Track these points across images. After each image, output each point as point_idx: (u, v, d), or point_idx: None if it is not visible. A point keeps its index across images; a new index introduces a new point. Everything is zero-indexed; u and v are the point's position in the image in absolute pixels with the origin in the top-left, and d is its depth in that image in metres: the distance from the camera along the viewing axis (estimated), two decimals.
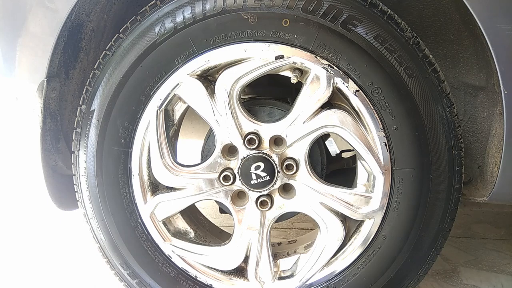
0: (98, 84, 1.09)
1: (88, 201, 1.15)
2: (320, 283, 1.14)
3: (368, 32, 0.96)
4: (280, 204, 1.11)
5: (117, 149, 1.10)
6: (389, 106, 0.99)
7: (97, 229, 1.16)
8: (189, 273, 1.17)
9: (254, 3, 0.97)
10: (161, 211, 1.14)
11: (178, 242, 1.16)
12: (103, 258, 1.20)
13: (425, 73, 0.98)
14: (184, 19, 1.00)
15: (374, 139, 1.02)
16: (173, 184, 1.12)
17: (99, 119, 1.09)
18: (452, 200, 1.06)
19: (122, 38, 1.07)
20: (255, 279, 1.15)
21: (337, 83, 0.99)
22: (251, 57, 1.01)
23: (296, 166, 1.06)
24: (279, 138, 1.07)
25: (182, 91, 1.06)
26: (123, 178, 1.11)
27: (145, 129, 1.09)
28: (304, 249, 1.23)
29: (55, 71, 1.13)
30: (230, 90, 1.04)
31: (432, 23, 1.17)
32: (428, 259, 1.11)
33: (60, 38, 1.08)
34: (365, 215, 1.07)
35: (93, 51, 1.24)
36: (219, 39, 1.00)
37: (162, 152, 1.10)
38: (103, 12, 1.19)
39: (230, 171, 1.08)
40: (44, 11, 1.06)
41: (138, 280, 1.18)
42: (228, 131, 1.06)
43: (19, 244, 1.85)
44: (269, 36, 0.99)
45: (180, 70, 1.04)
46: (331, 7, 0.96)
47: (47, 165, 1.21)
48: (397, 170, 1.03)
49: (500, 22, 0.92)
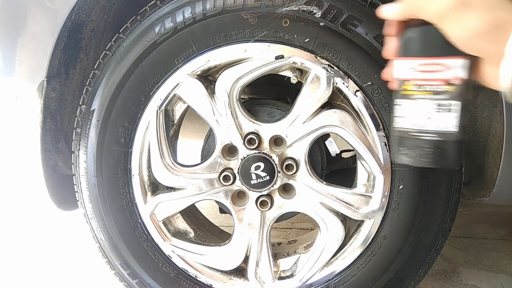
0: (98, 84, 1.09)
1: (88, 201, 1.15)
2: (320, 283, 1.14)
3: (368, 32, 0.96)
4: (280, 204, 1.11)
5: (117, 149, 1.10)
6: (389, 106, 0.99)
7: (97, 229, 1.16)
8: (189, 273, 1.17)
9: (254, 3, 0.97)
10: (161, 211, 1.14)
11: (178, 242, 1.16)
12: (103, 258, 1.20)
13: None
14: (184, 19, 1.00)
15: (374, 139, 1.02)
16: (173, 184, 1.12)
17: (99, 119, 1.09)
18: (452, 200, 1.06)
19: (122, 38, 1.07)
20: (255, 279, 1.15)
21: (337, 83, 0.99)
22: (251, 57, 1.01)
23: (296, 166, 1.06)
24: (279, 138, 1.07)
25: (182, 91, 1.06)
26: (123, 178, 1.11)
27: (145, 129, 1.09)
28: (304, 249, 1.23)
29: (55, 71, 1.13)
30: (230, 90, 1.04)
31: None
32: (428, 259, 1.11)
33: (60, 38, 1.08)
34: (365, 215, 1.07)
35: (93, 51, 1.24)
36: (219, 39, 1.00)
37: (162, 152, 1.10)
38: (103, 12, 1.19)
39: (230, 171, 1.08)
40: (44, 11, 1.06)
41: (138, 280, 1.18)
42: (228, 131, 1.06)
43: (19, 244, 1.85)
44: (269, 36, 0.99)
45: (180, 70, 1.04)
46: (331, 7, 0.96)
47: (47, 165, 1.21)
48: (397, 170, 1.03)
49: None
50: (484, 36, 0.54)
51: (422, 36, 0.59)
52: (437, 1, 0.57)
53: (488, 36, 0.53)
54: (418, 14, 0.60)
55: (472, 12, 0.54)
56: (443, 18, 0.57)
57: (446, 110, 0.58)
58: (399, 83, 0.62)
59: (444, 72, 0.58)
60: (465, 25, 0.55)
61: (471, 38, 0.55)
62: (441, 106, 0.58)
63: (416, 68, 0.59)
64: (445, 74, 0.58)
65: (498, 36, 0.53)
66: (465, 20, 0.55)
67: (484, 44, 0.54)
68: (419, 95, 0.59)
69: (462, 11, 0.55)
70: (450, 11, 0.56)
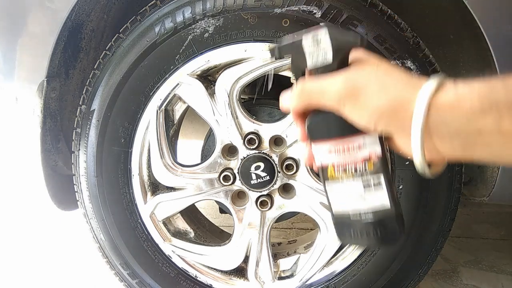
0: (98, 84, 1.09)
1: (88, 201, 1.15)
2: (320, 283, 1.14)
3: (368, 32, 0.96)
4: (280, 204, 1.11)
5: (117, 149, 1.10)
6: None
7: (97, 229, 1.16)
8: (189, 273, 1.17)
9: (254, 3, 0.97)
10: (161, 211, 1.14)
11: (178, 242, 1.16)
12: (103, 258, 1.20)
13: (425, 73, 0.98)
14: (184, 19, 1.00)
15: None
16: (173, 184, 1.12)
17: (99, 119, 1.09)
18: (452, 200, 1.06)
19: (122, 38, 1.07)
20: (255, 279, 1.15)
21: None
22: (251, 57, 1.01)
23: (296, 166, 1.06)
24: (279, 138, 1.07)
25: (182, 91, 1.06)
26: (123, 178, 1.11)
27: (145, 129, 1.09)
28: (304, 249, 1.23)
29: (55, 71, 1.13)
30: (230, 90, 1.04)
31: (432, 23, 1.17)
32: (428, 259, 1.11)
33: (60, 38, 1.08)
34: None
35: (93, 51, 1.24)
36: (219, 39, 1.00)
37: (162, 152, 1.10)
38: (103, 12, 1.19)
39: (230, 171, 1.08)
40: (44, 11, 1.06)
41: (138, 280, 1.18)
42: (228, 131, 1.06)
43: (20, 244, 1.85)
44: (269, 36, 0.99)
45: (180, 70, 1.04)
46: (331, 7, 0.96)
47: (47, 165, 1.20)
48: (397, 170, 1.03)
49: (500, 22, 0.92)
50: (387, 116, 0.52)
51: (326, 119, 0.58)
52: (330, 92, 0.55)
53: (390, 115, 0.51)
54: (314, 105, 0.58)
55: (368, 96, 0.52)
56: (340, 105, 0.54)
57: (374, 187, 0.57)
58: (323, 169, 0.60)
59: (360, 150, 0.57)
60: (364, 109, 0.53)
61: (373, 121, 0.53)
62: (368, 185, 0.57)
63: (331, 150, 0.58)
64: (361, 153, 0.57)
65: (400, 113, 0.51)
66: (363, 104, 0.52)
67: (389, 123, 0.52)
68: (345, 178, 0.58)
69: (357, 97, 0.53)
70: (346, 99, 0.54)
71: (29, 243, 1.85)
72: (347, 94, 0.54)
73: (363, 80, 0.54)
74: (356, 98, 0.53)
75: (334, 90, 0.55)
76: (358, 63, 0.57)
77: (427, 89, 0.49)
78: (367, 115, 0.53)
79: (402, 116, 0.51)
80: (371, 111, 0.52)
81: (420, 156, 0.51)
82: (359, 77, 0.54)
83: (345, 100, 0.54)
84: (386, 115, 0.52)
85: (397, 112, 0.51)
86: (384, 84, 0.53)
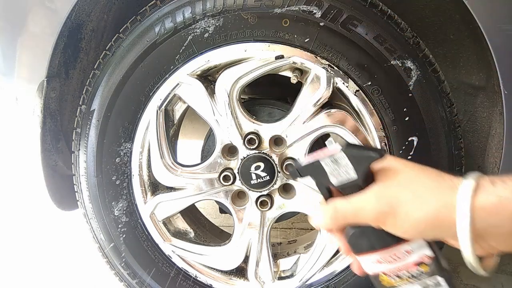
0: (98, 84, 1.09)
1: (88, 201, 1.15)
2: (320, 283, 1.14)
3: (368, 32, 0.96)
4: (280, 204, 1.11)
5: (117, 149, 1.10)
6: (389, 106, 0.99)
7: (97, 229, 1.16)
8: (189, 273, 1.17)
9: (254, 3, 0.97)
10: (161, 211, 1.14)
11: (178, 242, 1.16)
12: (103, 258, 1.20)
13: (425, 73, 0.98)
14: (184, 19, 1.00)
15: (374, 139, 1.02)
16: (173, 184, 1.12)
17: (99, 119, 1.09)
18: None
19: (122, 38, 1.07)
20: (255, 279, 1.15)
21: (337, 83, 0.99)
22: (251, 57, 1.01)
23: None
24: (279, 138, 1.07)
25: (182, 91, 1.06)
26: (123, 178, 1.11)
27: (145, 129, 1.09)
28: (304, 249, 1.23)
29: (55, 71, 1.13)
30: (230, 90, 1.04)
31: (432, 23, 1.17)
32: None
33: (60, 38, 1.08)
34: None
35: (93, 51, 1.24)
36: (219, 39, 1.00)
37: (162, 152, 1.10)
38: (103, 12, 1.19)
39: (230, 171, 1.08)
40: (44, 11, 1.06)
41: (138, 280, 1.18)
42: (228, 131, 1.06)
43: (20, 244, 1.85)
44: (269, 36, 0.99)
45: (180, 70, 1.04)
46: (331, 7, 0.95)
47: (47, 165, 1.20)
48: None
49: (500, 22, 0.92)
50: (431, 226, 0.51)
51: (367, 233, 0.57)
52: (365, 212, 0.54)
53: (434, 223, 0.51)
54: (350, 224, 0.57)
55: (406, 210, 0.51)
56: (379, 222, 0.54)
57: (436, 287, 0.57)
58: (375, 278, 0.60)
59: (410, 255, 0.56)
60: (406, 224, 0.52)
61: (418, 233, 0.52)
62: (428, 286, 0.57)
63: (380, 261, 0.57)
64: (411, 258, 0.56)
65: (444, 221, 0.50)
66: (404, 219, 0.52)
67: (434, 232, 0.52)
68: (401, 283, 0.58)
69: (395, 213, 0.52)
70: (384, 217, 0.53)
71: (30, 243, 1.85)
72: (383, 212, 0.53)
73: (395, 194, 0.53)
74: (394, 215, 0.52)
75: (369, 209, 0.54)
76: (383, 174, 0.57)
77: (466, 193, 0.49)
78: (411, 229, 0.52)
79: (447, 222, 0.50)
80: (414, 225, 0.52)
81: (472, 259, 0.51)
82: (390, 192, 0.54)
83: (384, 218, 0.53)
84: (430, 226, 0.51)
85: (441, 221, 0.51)
86: (418, 193, 0.52)
